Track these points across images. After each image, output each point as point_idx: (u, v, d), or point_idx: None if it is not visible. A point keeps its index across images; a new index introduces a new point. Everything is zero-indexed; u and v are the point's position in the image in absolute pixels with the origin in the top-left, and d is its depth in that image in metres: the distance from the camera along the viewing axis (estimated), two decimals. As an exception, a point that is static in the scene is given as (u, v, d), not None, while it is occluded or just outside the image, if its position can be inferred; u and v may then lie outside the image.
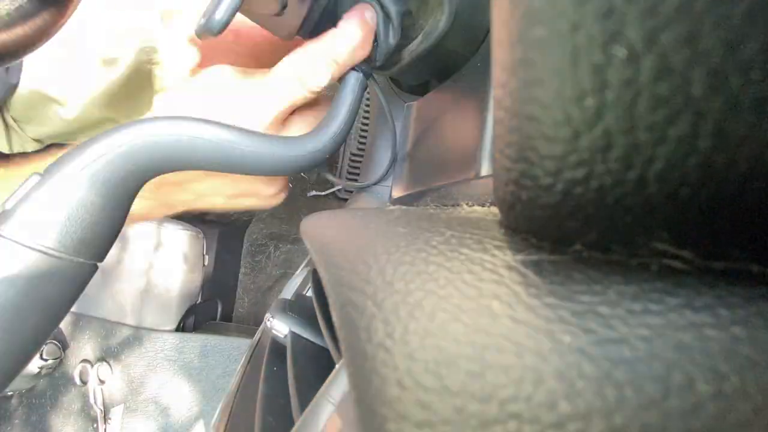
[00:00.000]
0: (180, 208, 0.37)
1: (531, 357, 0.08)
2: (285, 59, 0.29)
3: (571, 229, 0.10)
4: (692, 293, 0.09)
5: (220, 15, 0.23)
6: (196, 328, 0.93)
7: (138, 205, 0.25)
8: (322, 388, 0.17)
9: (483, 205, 0.17)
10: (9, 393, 0.89)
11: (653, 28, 0.07)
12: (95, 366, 0.88)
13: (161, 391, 0.86)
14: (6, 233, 0.20)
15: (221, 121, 0.25)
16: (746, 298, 0.09)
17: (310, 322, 0.27)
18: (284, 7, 0.25)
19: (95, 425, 0.86)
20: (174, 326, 0.89)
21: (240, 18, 0.25)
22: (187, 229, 0.90)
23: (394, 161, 0.37)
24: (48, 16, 0.23)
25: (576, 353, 0.08)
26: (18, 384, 0.88)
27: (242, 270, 1.09)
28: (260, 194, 0.36)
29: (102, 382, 0.88)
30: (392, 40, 0.29)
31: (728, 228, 0.09)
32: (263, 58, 0.35)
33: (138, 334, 0.88)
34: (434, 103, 0.32)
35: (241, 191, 0.35)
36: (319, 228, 0.19)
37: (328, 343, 0.21)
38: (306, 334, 0.26)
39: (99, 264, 0.23)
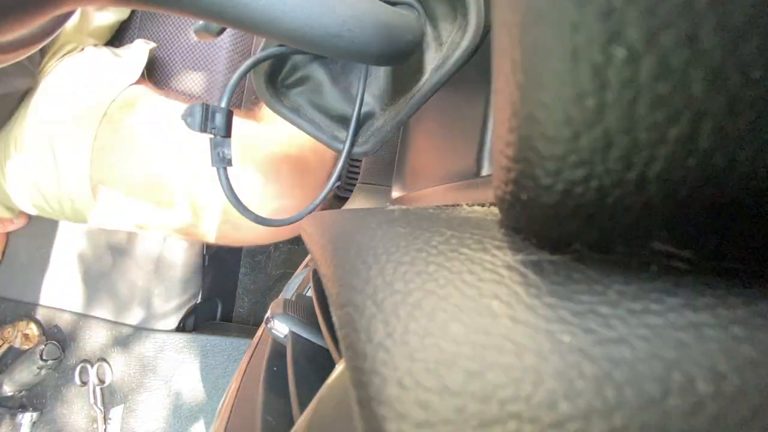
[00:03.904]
0: None
1: (531, 357, 0.08)
2: None
3: (571, 229, 0.10)
4: (692, 293, 0.09)
5: None
6: (196, 328, 0.93)
7: None
8: (322, 388, 0.17)
9: (483, 205, 0.17)
10: (9, 393, 0.89)
11: (653, 28, 0.07)
12: (95, 366, 0.88)
13: (161, 391, 0.86)
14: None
15: None
16: (746, 298, 0.09)
17: (310, 322, 0.27)
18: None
19: (95, 425, 0.86)
20: (174, 326, 0.89)
21: None
22: (187, 229, 0.90)
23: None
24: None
25: (576, 353, 0.08)
26: (18, 384, 0.88)
27: (242, 270, 1.09)
28: None
29: (102, 382, 0.88)
30: None
31: (728, 228, 0.09)
32: None
33: (138, 334, 0.87)
34: (434, 103, 0.32)
35: None
36: (319, 227, 0.19)
37: (328, 343, 0.21)
38: (306, 334, 0.26)
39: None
